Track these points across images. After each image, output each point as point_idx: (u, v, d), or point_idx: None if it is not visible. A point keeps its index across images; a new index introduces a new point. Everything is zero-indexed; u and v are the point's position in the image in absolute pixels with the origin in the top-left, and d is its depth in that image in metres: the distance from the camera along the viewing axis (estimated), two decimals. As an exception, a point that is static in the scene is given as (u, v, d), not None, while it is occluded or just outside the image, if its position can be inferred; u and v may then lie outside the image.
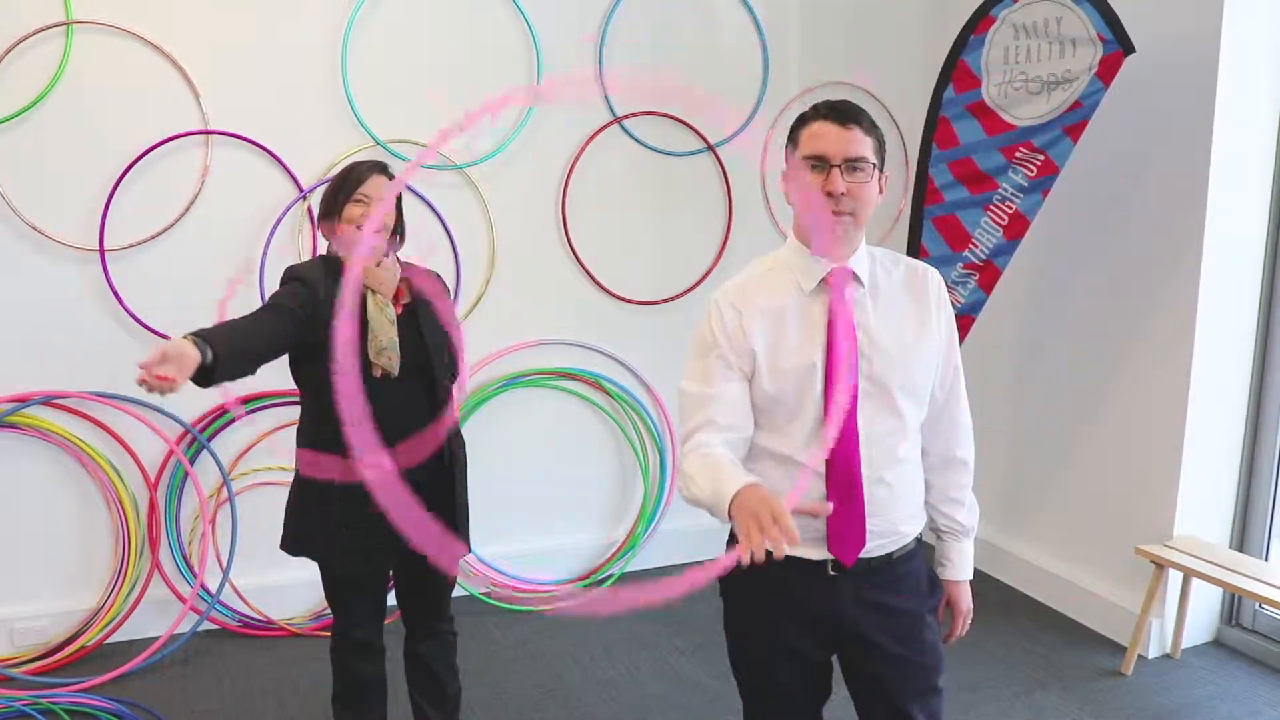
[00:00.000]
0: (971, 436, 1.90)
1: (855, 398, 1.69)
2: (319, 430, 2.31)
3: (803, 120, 1.71)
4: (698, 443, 1.66)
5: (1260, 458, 3.40)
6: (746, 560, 1.30)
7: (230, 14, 3.33)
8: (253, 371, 2.06)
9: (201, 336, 1.89)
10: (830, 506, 1.58)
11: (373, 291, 2.28)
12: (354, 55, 3.48)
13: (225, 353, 1.92)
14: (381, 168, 2.33)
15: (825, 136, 1.65)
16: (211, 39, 3.31)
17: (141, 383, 1.75)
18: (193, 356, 1.82)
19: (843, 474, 1.69)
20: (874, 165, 1.67)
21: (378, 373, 2.25)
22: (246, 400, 3.50)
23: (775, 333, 1.71)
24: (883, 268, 1.78)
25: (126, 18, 3.21)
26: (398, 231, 2.39)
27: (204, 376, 1.90)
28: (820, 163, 1.65)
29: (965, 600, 1.94)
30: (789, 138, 1.73)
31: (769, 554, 1.30)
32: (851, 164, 1.64)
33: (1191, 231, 3.21)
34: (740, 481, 1.46)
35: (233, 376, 1.98)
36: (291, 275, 2.29)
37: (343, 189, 2.28)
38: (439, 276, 2.50)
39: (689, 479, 1.61)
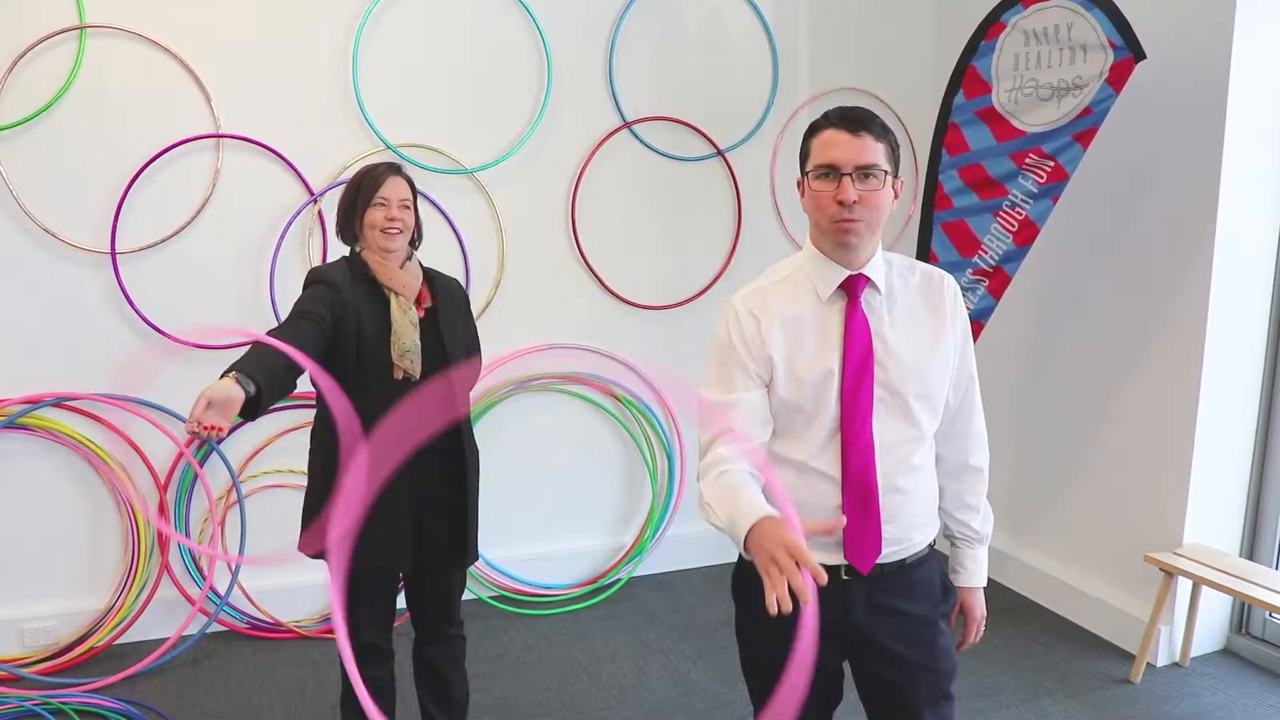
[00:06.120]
0: (986, 444, 1.90)
1: (871, 406, 1.69)
2: (336, 432, 2.31)
3: (814, 129, 1.71)
4: (715, 459, 1.66)
5: (1270, 465, 3.38)
6: (774, 610, 1.27)
7: (242, 18, 3.34)
8: (295, 388, 2.08)
9: (243, 371, 1.90)
10: (844, 520, 1.58)
11: (396, 294, 2.29)
12: (365, 59, 3.49)
13: (268, 383, 1.93)
14: (396, 169, 2.33)
15: (836, 144, 1.65)
16: (223, 43, 3.33)
17: (191, 434, 1.77)
18: (237, 398, 1.84)
19: (859, 482, 1.69)
20: (886, 172, 1.67)
21: (399, 375, 2.26)
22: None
23: (793, 340, 1.71)
24: (899, 274, 1.78)
25: (139, 22, 3.23)
26: (416, 234, 2.40)
27: (250, 409, 1.92)
28: (831, 171, 1.65)
29: (979, 607, 1.94)
30: (802, 147, 1.73)
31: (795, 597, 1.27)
32: (863, 171, 1.64)
33: (1202, 238, 3.20)
34: (753, 516, 1.44)
35: (278, 399, 2.01)
36: (317, 277, 2.30)
37: (360, 194, 2.29)
38: (459, 284, 2.51)
39: (708, 507, 1.62)
